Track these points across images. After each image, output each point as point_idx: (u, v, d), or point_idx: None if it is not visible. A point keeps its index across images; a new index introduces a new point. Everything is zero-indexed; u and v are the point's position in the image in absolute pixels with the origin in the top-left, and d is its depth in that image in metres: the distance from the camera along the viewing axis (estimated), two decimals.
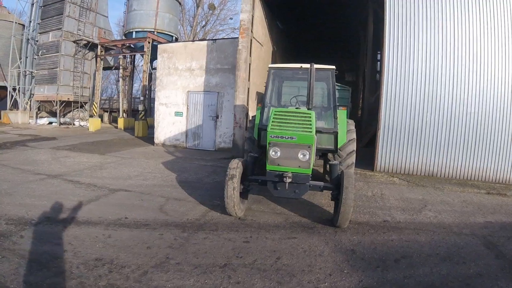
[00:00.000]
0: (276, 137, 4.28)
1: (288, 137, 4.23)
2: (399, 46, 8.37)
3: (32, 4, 21.81)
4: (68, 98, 21.12)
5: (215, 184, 7.10)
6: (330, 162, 5.21)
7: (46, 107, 22.31)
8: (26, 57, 22.09)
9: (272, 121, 4.34)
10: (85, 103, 22.79)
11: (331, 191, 4.77)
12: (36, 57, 21.35)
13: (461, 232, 4.68)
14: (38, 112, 22.34)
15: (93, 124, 19.59)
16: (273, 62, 13.41)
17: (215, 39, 14.42)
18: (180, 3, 24.21)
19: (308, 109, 4.88)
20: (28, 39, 22.02)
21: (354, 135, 6.68)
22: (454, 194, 6.94)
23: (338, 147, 6.18)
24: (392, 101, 8.49)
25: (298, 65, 6.03)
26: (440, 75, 8.20)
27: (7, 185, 6.27)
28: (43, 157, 9.59)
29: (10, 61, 21.95)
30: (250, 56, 10.33)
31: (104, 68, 25.92)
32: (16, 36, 22.05)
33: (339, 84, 10.31)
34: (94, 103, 22.03)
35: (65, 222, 4.55)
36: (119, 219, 4.75)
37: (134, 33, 21.12)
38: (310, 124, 4.19)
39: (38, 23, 21.34)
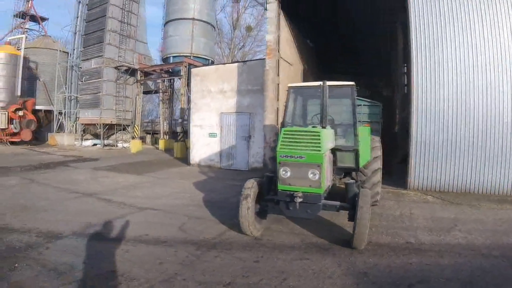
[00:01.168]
0: (285, 156, 4.29)
1: (297, 157, 4.22)
2: (427, 58, 8.07)
3: (75, 33, 23.93)
4: (111, 121, 22.59)
5: (239, 204, 7.17)
6: (346, 181, 5.08)
7: (90, 130, 24.03)
8: (71, 83, 24.03)
9: (282, 141, 4.36)
10: (128, 125, 24.17)
11: (348, 211, 4.63)
12: (80, 82, 23.18)
13: (490, 254, 4.31)
14: (83, 134, 24.08)
15: (134, 146, 20.69)
16: (304, 81, 13.47)
17: (245, 61, 14.83)
18: (214, 28, 25.38)
19: (322, 127, 4.85)
20: (72, 66, 24.03)
21: (379, 153, 6.46)
22: (490, 212, 6.44)
23: (362, 165, 6.02)
24: (423, 115, 8.13)
25: (317, 83, 6.04)
26: (471, 86, 7.76)
27: (45, 202, 6.84)
28: (82, 177, 10.33)
29: (56, 87, 24.03)
30: (278, 76, 10.50)
31: (146, 92, 27.61)
32: (60, 63, 24.14)
33: (369, 100, 10.11)
34: (136, 125, 23.43)
35: (89, 237, 4.86)
36: (140, 235, 4.96)
37: (171, 58, 22.41)
38: (319, 143, 4.15)
39: (81, 51, 23.29)
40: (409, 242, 4.78)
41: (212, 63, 23.68)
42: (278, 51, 10.38)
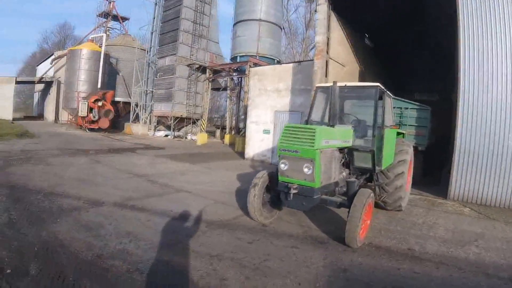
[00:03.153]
0: (284, 150, 4.61)
1: (293, 151, 4.50)
2: (476, 62, 7.45)
3: (152, 33, 26.46)
4: (181, 115, 24.65)
5: None
6: (348, 180, 5.17)
7: (163, 122, 26.53)
8: (147, 78, 26.58)
9: (282, 136, 4.68)
10: (197, 119, 26.09)
11: (348, 209, 4.76)
12: (155, 78, 25.59)
13: (496, 275, 3.98)
14: (157, 125, 26.64)
15: (200, 138, 22.35)
16: (361, 81, 13.23)
17: (300, 61, 15.08)
18: (281, 28, 25.90)
19: (331, 126, 5.04)
20: (149, 63, 26.59)
21: (405, 157, 6.32)
22: None
23: (384, 167, 6.00)
24: (469, 121, 7.50)
25: (343, 84, 6.16)
26: None
27: (101, 178, 8.15)
28: (142, 161, 11.78)
29: (133, 81, 26.93)
30: (326, 76, 10.59)
31: (216, 89, 29.49)
32: (138, 60, 26.88)
33: (417, 104, 9.64)
34: (202, 120, 25.24)
35: (123, 206, 5.85)
36: (165, 210, 5.78)
37: (238, 57, 23.58)
38: (313, 139, 4.36)
39: (157, 49, 25.68)
40: (411, 249, 4.67)
41: (278, 62, 24.28)
42: (327, 52, 10.44)
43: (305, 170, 4.47)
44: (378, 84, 5.84)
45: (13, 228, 4.36)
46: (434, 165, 10.72)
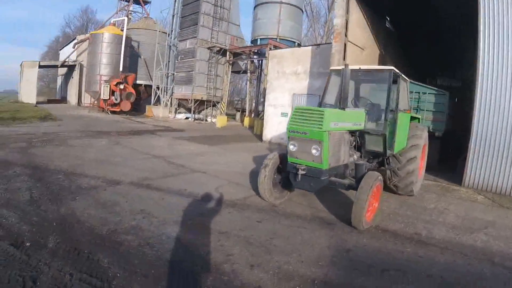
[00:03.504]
0: (293, 132, 4.65)
1: (302, 132, 4.54)
2: (496, 47, 7.10)
3: (173, 16, 26.46)
4: (202, 97, 24.85)
5: None
6: (356, 162, 5.16)
7: (183, 104, 26.86)
8: (168, 61, 26.77)
9: (292, 118, 4.70)
10: (217, 102, 26.24)
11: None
12: (176, 61, 25.77)
13: (501, 264, 3.90)
14: (177, 108, 27.00)
15: (220, 121, 22.56)
16: (381, 65, 12.89)
17: (319, 44, 14.77)
18: (302, 11, 25.28)
19: (341, 108, 5.01)
20: (170, 46, 26.72)
21: (418, 141, 6.23)
22: None
23: (396, 151, 5.95)
24: (486, 108, 7.27)
25: (357, 67, 6.07)
26: None
27: (119, 159, 8.48)
28: (160, 143, 12.10)
29: (154, 64, 27.21)
30: (344, 59, 10.37)
31: (236, 72, 29.45)
32: (160, 43, 27.05)
33: (435, 89, 9.36)
34: (222, 102, 25.39)
35: (140, 185, 6.11)
36: (179, 189, 6.00)
37: (259, 40, 23.32)
38: (322, 121, 4.36)
39: (178, 32, 25.71)
40: (418, 234, 4.66)
41: (299, 45, 23.81)
42: (346, 35, 10.18)
43: (313, 151, 4.50)
44: (392, 67, 5.73)
45: (34, 205, 4.67)
46: (451, 152, 10.44)
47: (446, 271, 3.64)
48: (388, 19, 13.65)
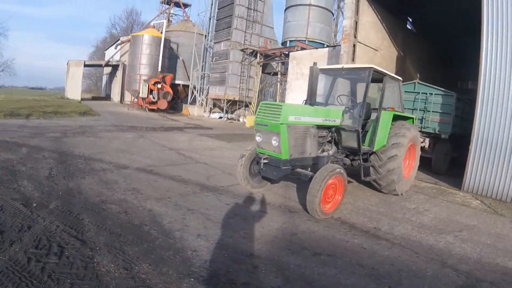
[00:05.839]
0: (258, 124, 5.19)
1: (264, 125, 5.06)
2: (500, 45, 6.96)
3: (209, 19, 27.87)
4: (234, 98, 25.87)
5: None
6: (318, 155, 5.52)
7: (218, 104, 28.02)
8: (205, 62, 28.22)
9: (258, 112, 5.24)
10: (249, 103, 27.10)
11: None
12: (211, 62, 27.03)
13: (454, 266, 3.80)
14: (212, 108, 28.25)
15: (249, 120, 23.28)
16: (398, 67, 12.85)
17: (335, 46, 14.96)
18: (333, 13, 25.29)
19: (310, 104, 5.45)
20: (206, 48, 28.08)
21: (401, 140, 6.36)
22: None
23: (376, 149, 6.21)
24: (488, 109, 7.12)
25: (340, 66, 6.45)
26: None
27: (136, 149, 9.48)
28: (182, 138, 13.05)
29: (192, 65, 28.69)
30: (353, 60, 10.61)
31: (269, 73, 30.09)
32: (197, 45, 28.49)
33: (442, 89, 9.28)
34: (252, 102, 26.18)
35: (143, 170, 7.00)
36: (174, 175, 6.79)
37: (288, 42, 23.80)
38: (279, 115, 4.83)
39: (214, 34, 26.98)
40: (377, 228, 4.80)
41: (327, 47, 23.93)
42: (355, 36, 10.41)
43: (273, 142, 5.00)
44: (372, 66, 6.01)
45: (49, 180, 5.72)
46: (463, 156, 10.16)
47: (382, 263, 3.71)
48: (410, 20, 13.48)
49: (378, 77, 6.38)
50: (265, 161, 5.11)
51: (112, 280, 2.91)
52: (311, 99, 5.49)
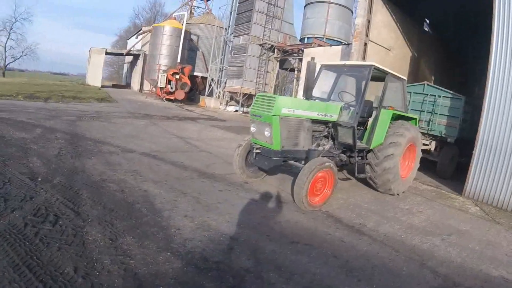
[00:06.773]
0: (253, 115, 5.38)
1: (258, 116, 5.24)
2: (510, 46, 6.82)
3: (230, 12, 27.96)
4: (250, 92, 26.01)
5: None
6: (310, 148, 5.63)
7: (234, 97, 28.24)
8: (224, 55, 28.42)
9: (253, 103, 5.42)
10: None
11: None
12: (230, 55, 27.25)
13: (432, 268, 3.77)
14: (229, 100, 28.51)
15: None
16: (412, 68, 12.70)
17: (348, 43, 14.86)
18: (352, 12, 24.98)
19: (306, 98, 5.58)
20: (226, 41, 28.29)
21: (399, 139, 6.37)
22: None
23: (373, 147, 6.27)
24: (496, 114, 6.94)
25: (342, 63, 6.54)
26: None
27: (146, 136, 9.84)
28: (193, 128, 13.33)
29: (211, 57, 29.04)
30: (363, 59, 10.59)
31: (285, 69, 30.10)
32: (217, 38, 28.72)
33: (451, 92, 9.15)
34: None
35: (148, 155, 7.32)
36: (176, 161, 7.08)
37: (306, 38, 23.73)
38: (272, 106, 4.98)
39: (233, 28, 27.10)
40: (362, 224, 4.84)
41: (346, 45, 23.71)
42: (367, 35, 10.37)
43: (266, 133, 5.18)
44: (373, 63, 6.06)
45: (57, 158, 6.11)
46: (464, 162, 10.00)
47: (358, 258, 3.75)
48: (428, 21, 13.26)
49: (381, 76, 6.42)
50: (257, 151, 5.31)
51: (96, 248, 3.20)
52: (307, 93, 5.62)
